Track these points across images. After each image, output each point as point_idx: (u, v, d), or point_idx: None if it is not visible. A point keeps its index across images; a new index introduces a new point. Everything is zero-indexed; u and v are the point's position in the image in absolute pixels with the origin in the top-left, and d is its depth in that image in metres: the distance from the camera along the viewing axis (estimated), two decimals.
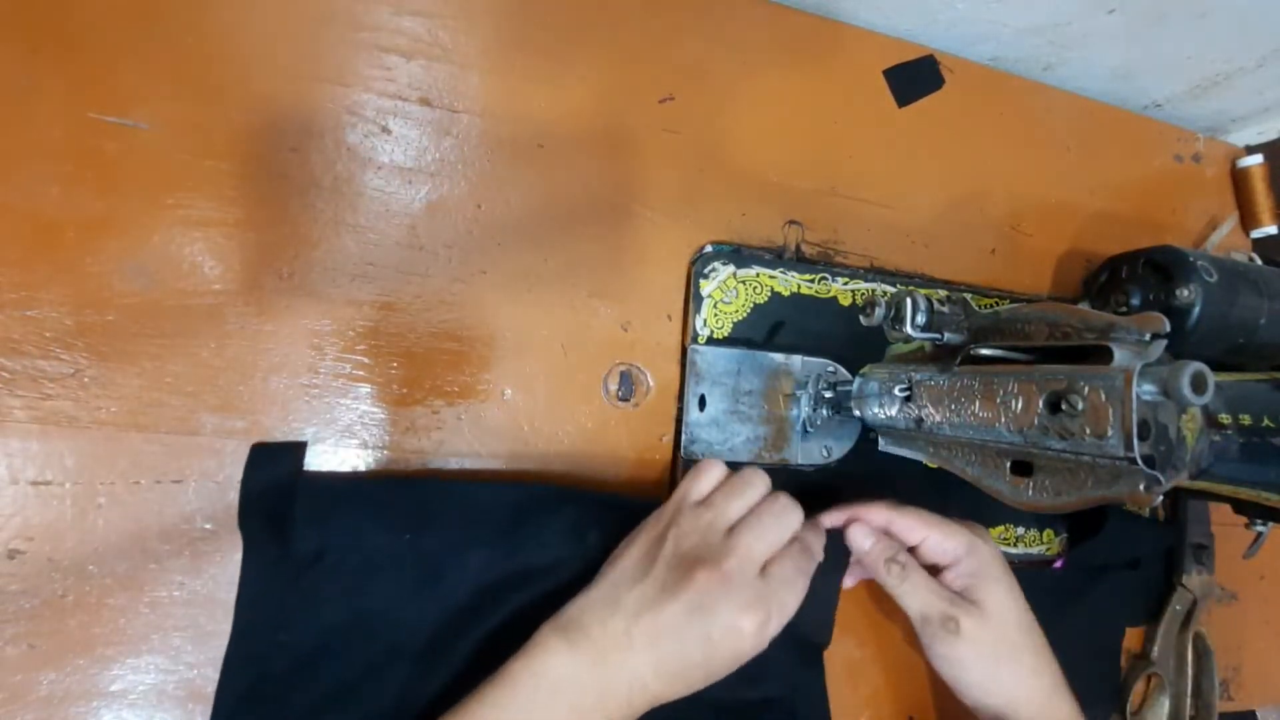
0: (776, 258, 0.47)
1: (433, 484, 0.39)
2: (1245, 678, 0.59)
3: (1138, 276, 0.48)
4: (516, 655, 0.33)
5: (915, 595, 0.37)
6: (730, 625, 0.33)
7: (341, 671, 0.36)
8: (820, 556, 0.38)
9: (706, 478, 0.38)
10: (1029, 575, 0.52)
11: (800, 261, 0.48)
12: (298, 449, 0.37)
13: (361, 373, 0.39)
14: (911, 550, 0.39)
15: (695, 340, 0.45)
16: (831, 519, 0.40)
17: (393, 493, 0.38)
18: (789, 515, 0.36)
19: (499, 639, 0.37)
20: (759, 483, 0.37)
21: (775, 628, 0.34)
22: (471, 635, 0.37)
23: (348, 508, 0.36)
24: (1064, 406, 0.31)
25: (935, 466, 0.40)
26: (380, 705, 0.36)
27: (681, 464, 0.44)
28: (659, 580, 0.33)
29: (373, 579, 0.37)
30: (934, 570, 0.39)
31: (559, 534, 0.39)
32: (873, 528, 0.39)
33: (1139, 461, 0.28)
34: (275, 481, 0.36)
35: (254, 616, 0.35)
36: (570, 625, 0.33)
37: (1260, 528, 0.49)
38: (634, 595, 0.33)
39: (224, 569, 0.36)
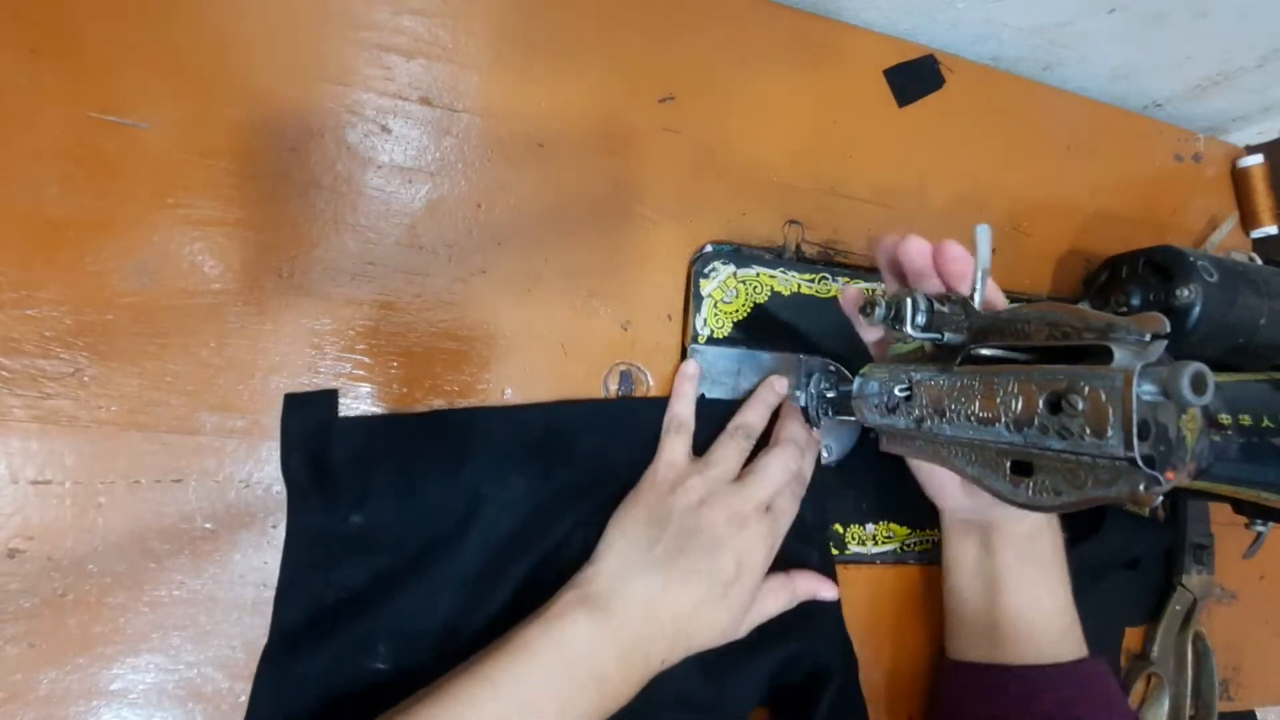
0: (776, 257, 0.47)
1: (467, 414, 0.40)
2: (1245, 678, 0.59)
3: (1138, 276, 0.48)
4: (533, 622, 0.33)
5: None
6: (742, 566, 0.37)
7: (392, 601, 0.36)
8: (807, 479, 0.43)
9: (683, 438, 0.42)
10: None
11: (800, 261, 0.48)
12: (331, 396, 0.38)
13: (361, 372, 0.39)
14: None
15: (695, 340, 0.45)
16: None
17: (431, 428, 0.38)
18: (787, 455, 0.41)
19: (546, 563, 0.38)
20: (755, 420, 0.43)
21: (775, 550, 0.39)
22: (520, 559, 0.38)
23: (388, 447, 0.37)
24: (1064, 406, 0.31)
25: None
26: (430, 630, 0.36)
27: None
28: (674, 543, 0.36)
29: (420, 514, 0.37)
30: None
31: (589, 451, 0.41)
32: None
33: (1139, 461, 0.28)
34: (313, 428, 0.37)
35: (302, 560, 0.36)
36: (593, 597, 0.34)
37: (1260, 528, 0.49)
38: (651, 560, 0.36)
39: (224, 568, 0.36)
